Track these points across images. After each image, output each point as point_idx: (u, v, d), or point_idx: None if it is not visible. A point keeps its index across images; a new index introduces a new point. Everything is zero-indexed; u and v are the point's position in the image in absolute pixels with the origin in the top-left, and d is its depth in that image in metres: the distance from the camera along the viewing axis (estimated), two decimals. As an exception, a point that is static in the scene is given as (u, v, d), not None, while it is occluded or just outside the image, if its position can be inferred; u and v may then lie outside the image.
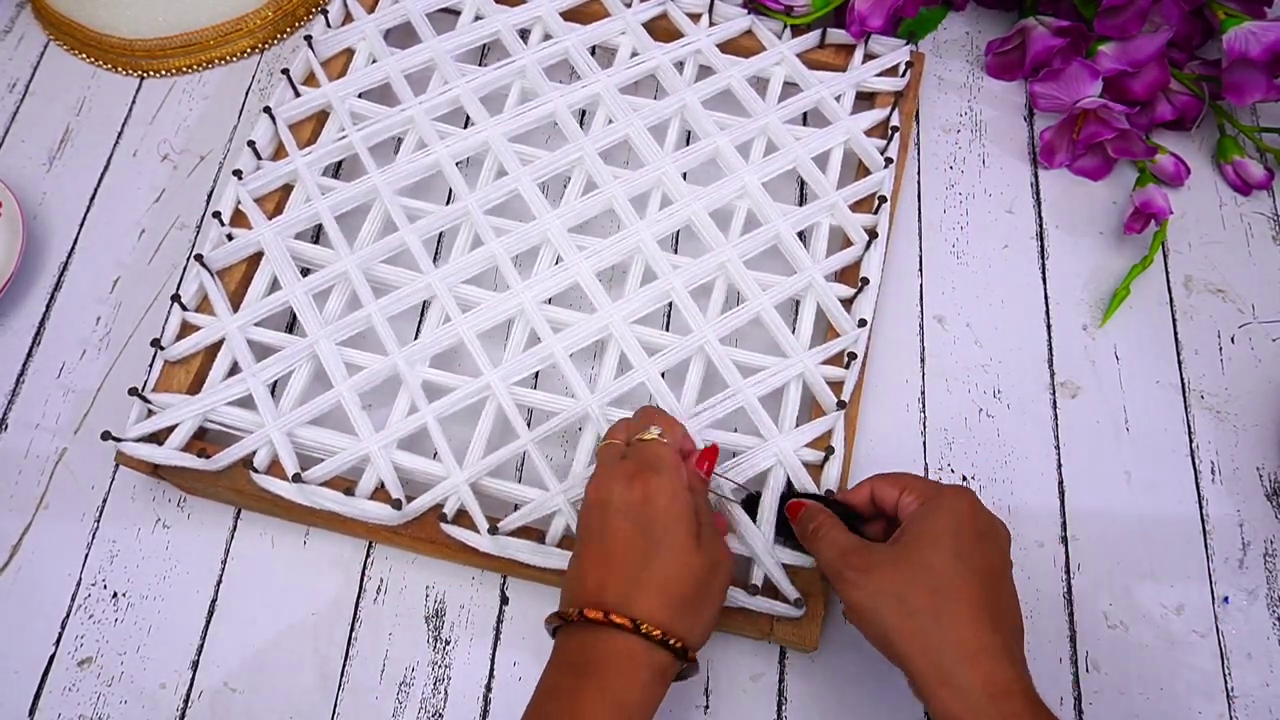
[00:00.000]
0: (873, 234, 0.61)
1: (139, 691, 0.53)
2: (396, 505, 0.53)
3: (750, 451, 0.55)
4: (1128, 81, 0.69)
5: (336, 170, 0.66)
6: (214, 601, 0.55)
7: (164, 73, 0.74)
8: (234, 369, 0.58)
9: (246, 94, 0.73)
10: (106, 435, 0.54)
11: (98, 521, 0.58)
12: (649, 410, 0.51)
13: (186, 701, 0.53)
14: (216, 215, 0.61)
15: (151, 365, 0.57)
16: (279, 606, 0.55)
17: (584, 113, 0.69)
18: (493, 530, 0.53)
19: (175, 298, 0.58)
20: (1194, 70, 0.70)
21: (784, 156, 0.64)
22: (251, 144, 0.63)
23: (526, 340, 0.58)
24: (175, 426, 0.55)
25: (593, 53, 0.69)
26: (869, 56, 0.69)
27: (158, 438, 0.56)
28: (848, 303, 0.61)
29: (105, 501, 0.58)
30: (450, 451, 0.55)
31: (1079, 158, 0.70)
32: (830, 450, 0.55)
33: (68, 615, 0.55)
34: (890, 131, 0.65)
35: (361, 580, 0.56)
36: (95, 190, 0.69)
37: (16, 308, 0.64)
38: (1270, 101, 0.68)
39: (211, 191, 0.69)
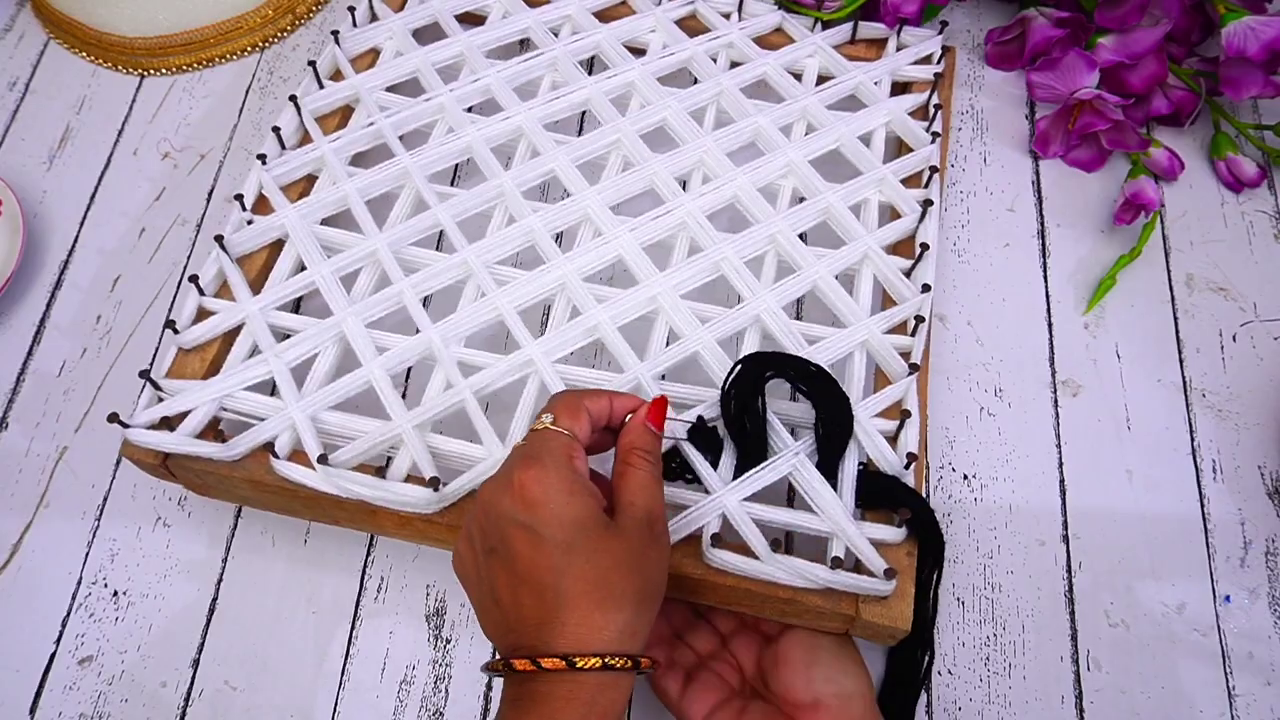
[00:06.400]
0: (927, 203, 0.59)
1: (140, 690, 0.53)
2: (434, 485, 0.48)
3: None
4: (1125, 74, 0.69)
5: (360, 166, 0.63)
6: (215, 600, 0.55)
7: (164, 71, 0.74)
8: (254, 355, 0.54)
9: (247, 92, 0.73)
10: (113, 418, 0.50)
11: (98, 520, 0.58)
12: (558, 394, 0.45)
13: (187, 700, 0.53)
14: (238, 198, 0.58)
15: (155, 356, 0.55)
16: (280, 605, 0.55)
17: (617, 102, 0.66)
18: None
19: (193, 279, 0.55)
20: (1192, 66, 0.70)
21: (828, 134, 0.62)
22: (276, 130, 0.61)
23: (569, 316, 0.55)
24: (189, 414, 0.51)
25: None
26: (901, 49, 0.68)
27: (168, 425, 0.51)
28: (904, 274, 0.58)
29: (106, 500, 0.58)
30: (492, 431, 0.50)
31: (1073, 148, 0.70)
32: (906, 414, 0.51)
33: (68, 614, 0.55)
34: (934, 110, 0.64)
35: (362, 578, 0.56)
36: (96, 189, 0.69)
37: (17, 306, 0.64)
38: (1266, 97, 0.68)
39: (212, 190, 0.69)
